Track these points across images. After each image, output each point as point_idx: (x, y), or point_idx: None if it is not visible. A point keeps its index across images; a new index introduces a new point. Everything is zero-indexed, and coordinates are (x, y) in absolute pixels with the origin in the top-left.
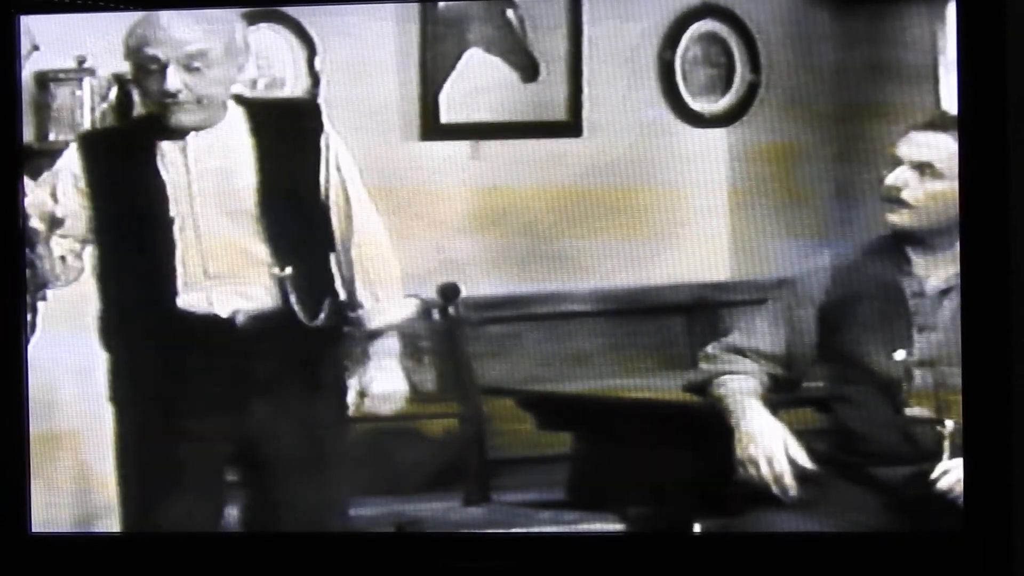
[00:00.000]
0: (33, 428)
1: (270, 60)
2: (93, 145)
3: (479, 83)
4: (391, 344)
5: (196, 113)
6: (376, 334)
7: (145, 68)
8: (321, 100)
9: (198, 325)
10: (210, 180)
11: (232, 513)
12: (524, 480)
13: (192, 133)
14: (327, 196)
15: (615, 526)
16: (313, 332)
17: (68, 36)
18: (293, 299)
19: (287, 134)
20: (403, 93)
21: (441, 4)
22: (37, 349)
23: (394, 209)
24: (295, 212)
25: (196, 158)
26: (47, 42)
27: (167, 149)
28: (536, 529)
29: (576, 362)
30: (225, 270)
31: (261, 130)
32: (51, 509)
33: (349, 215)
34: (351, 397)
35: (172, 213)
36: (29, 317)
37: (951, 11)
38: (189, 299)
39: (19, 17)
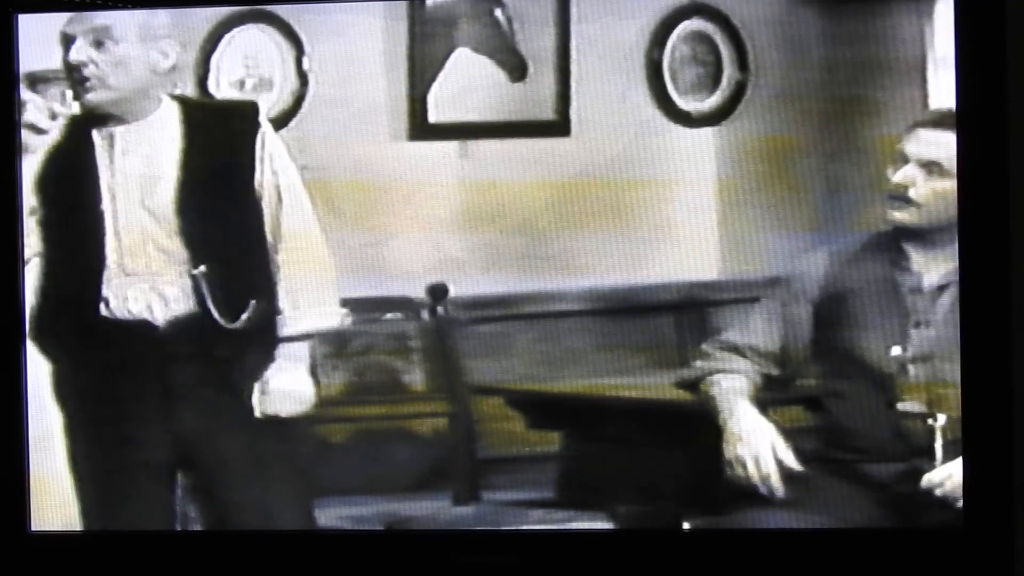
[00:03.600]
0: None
1: (258, 60)
2: (50, 142)
3: (467, 82)
4: (300, 349)
5: (102, 92)
6: (289, 340)
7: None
8: (259, 100)
9: (118, 324)
10: (134, 175)
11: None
12: (514, 479)
13: (121, 127)
14: (260, 198)
15: (604, 524)
16: (230, 333)
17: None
18: (209, 299)
19: (220, 133)
20: (391, 93)
21: (429, 3)
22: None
23: (381, 209)
24: (222, 212)
25: (122, 151)
26: (38, 41)
27: (97, 142)
28: (526, 527)
29: (565, 361)
30: (143, 267)
31: (193, 128)
32: (50, 507)
33: (278, 218)
34: (255, 396)
35: (102, 207)
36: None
37: (940, 8)
38: (109, 296)
39: (17, 15)
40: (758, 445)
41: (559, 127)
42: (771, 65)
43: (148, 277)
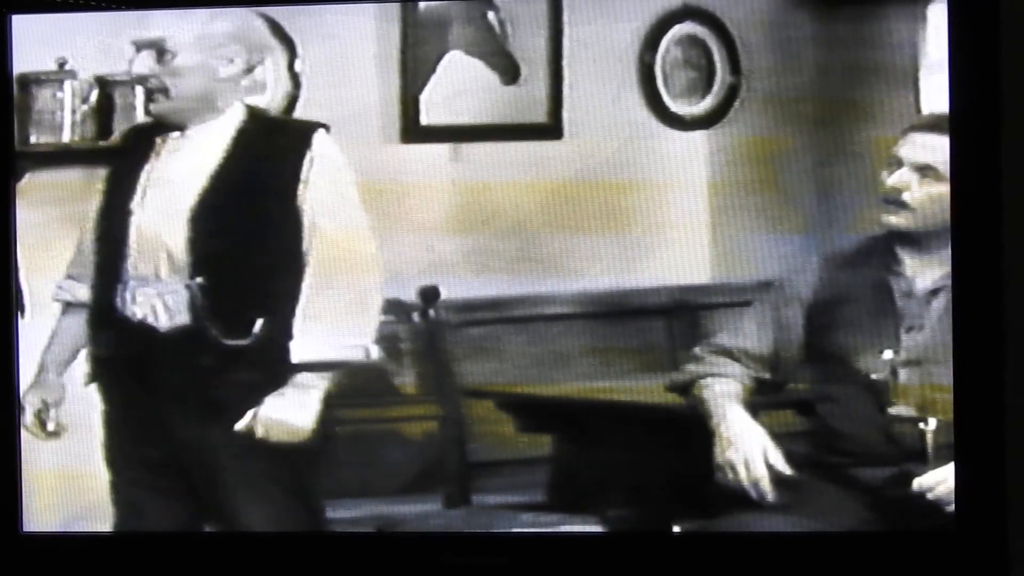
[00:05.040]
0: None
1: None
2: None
3: (460, 85)
4: (312, 377)
5: (166, 102)
6: (295, 368)
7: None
8: (322, 124)
9: (126, 324)
10: (166, 180)
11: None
12: (504, 482)
13: (175, 132)
14: (297, 219)
15: (595, 527)
16: (227, 349)
17: (49, 37)
18: (204, 312)
19: (268, 148)
20: (384, 95)
21: (422, 5)
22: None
23: (374, 211)
24: (243, 227)
25: (166, 155)
26: (28, 43)
27: (150, 148)
28: (516, 530)
29: (557, 364)
30: (151, 272)
31: (242, 140)
32: (42, 508)
33: (309, 246)
34: (251, 418)
35: (131, 206)
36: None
37: (932, 12)
38: (123, 296)
39: (10, 16)
40: (749, 449)
41: (551, 130)
42: (764, 68)
43: (155, 283)
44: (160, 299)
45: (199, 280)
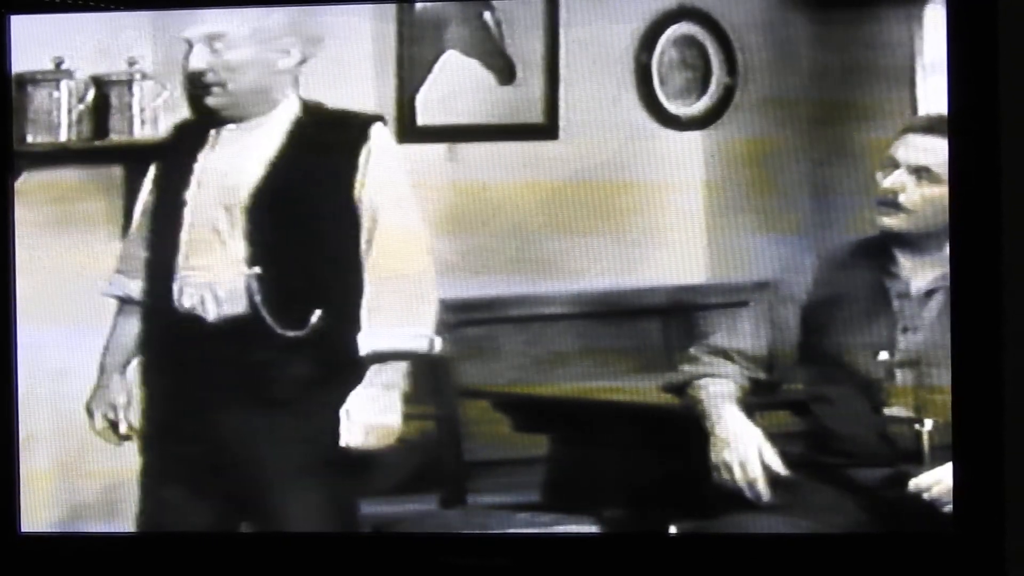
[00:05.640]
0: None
1: None
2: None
3: (456, 85)
4: (392, 375)
5: (223, 96)
6: (369, 360)
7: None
8: (379, 117)
9: (175, 316)
10: (221, 170)
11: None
12: (501, 482)
13: (231, 124)
14: (355, 211)
15: (591, 527)
16: (280, 340)
17: (46, 37)
18: (261, 303)
19: (326, 141)
20: (380, 95)
21: (418, 6)
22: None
23: None
24: (300, 219)
25: (221, 146)
26: (25, 43)
27: (205, 139)
28: (513, 530)
29: (553, 364)
30: (204, 263)
31: (300, 132)
32: (40, 508)
33: (370, 237)
34: (341, 424)
35: (185, 196)
36: None
37: (929, 13)
38: (174, 288)
39: (9, 17)
40: (745, 449)
41: (548, 130)
42: (760, 69)
43: (207, 274)
44: (211, 290)
45: (256, 270)
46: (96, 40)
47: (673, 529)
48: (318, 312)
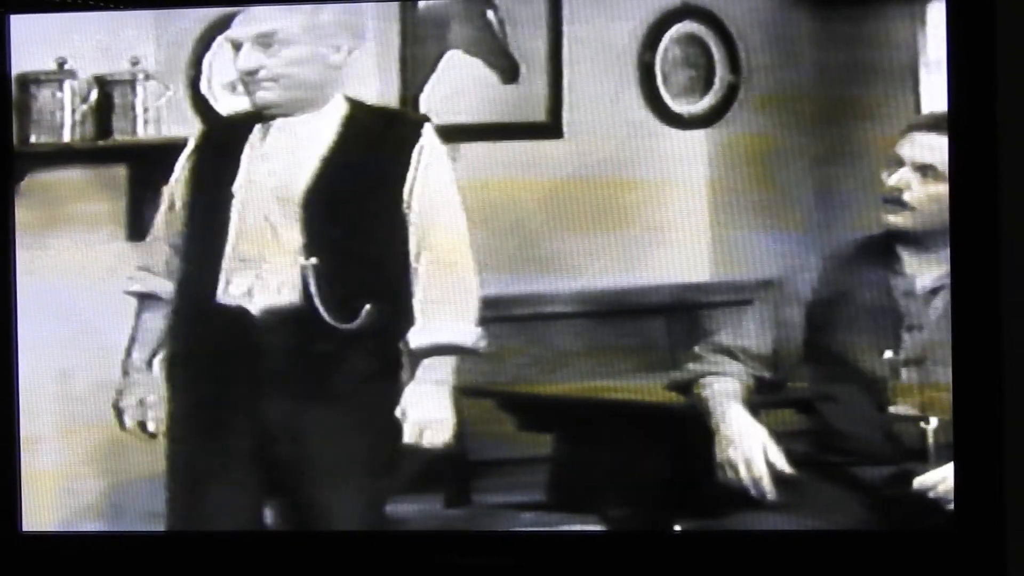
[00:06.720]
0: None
1: None
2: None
3: (459, 84)
4: (442, 370)
5: (277, 92)
6: (421, 354)
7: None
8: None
9: (223, 308)
10: (274, 164)
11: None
12: (505, 481)
13: (280, 119)
14: (407, 206)
15: (596, 526)
16: (332, 332)
17: (48, 37)
18: (316, 294)
19: (377, 136)
20: (383, 94)
21: (421, 4)
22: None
23: None
24: (355, 213)
25: (272, 139)
26: (27, 43)
27: (254, 134)
28: (517, 529)
29: (557, 363)
30: (255, 255)
31: (351, 127)
32: (42, 508)
33: (422, 234)
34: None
35: (232, 189)
36: None
37: (931, 11)
38: (222, 280)
39: (9, 16)
40: (750, 448)
41: (551, 129)
42: (763, 67)
43: (257, 264)
44: (260, 280)
45: (314, 260)
46: (97, 40)
47: (678, 527)
48: (368, 306)
